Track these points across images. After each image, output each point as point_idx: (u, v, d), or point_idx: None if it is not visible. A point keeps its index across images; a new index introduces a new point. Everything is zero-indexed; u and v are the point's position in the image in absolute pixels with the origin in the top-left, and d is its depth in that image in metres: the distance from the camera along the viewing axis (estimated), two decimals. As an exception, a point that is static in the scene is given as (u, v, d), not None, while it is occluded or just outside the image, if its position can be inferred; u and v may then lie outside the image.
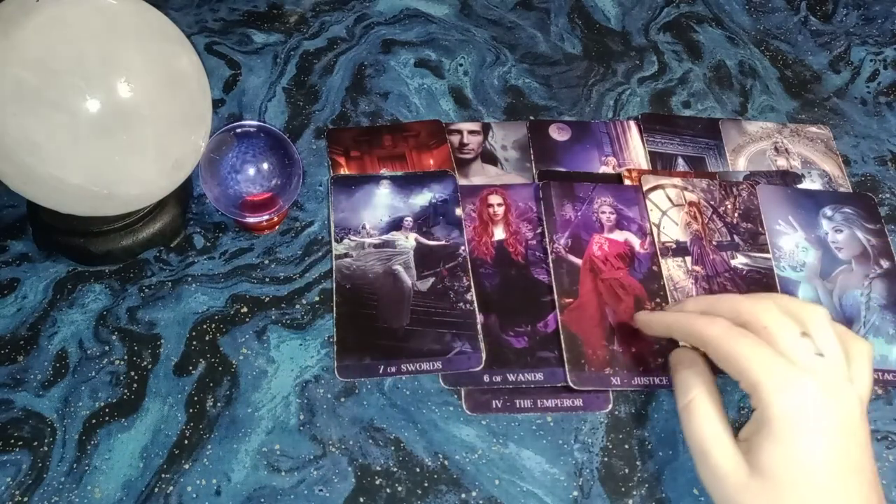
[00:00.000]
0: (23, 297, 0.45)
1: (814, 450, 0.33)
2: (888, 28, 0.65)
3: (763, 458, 0.34)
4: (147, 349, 0.43)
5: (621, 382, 0.43)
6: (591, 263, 0.47)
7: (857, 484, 0.33)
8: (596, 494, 0.40)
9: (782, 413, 0.34)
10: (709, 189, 0.51)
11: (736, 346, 0.36)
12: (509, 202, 0.50)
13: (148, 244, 0.46)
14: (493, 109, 0.56)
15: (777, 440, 0.33)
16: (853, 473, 0.33)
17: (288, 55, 0.57)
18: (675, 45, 0.61)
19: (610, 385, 0.43)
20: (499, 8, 0.62)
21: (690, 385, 0.38)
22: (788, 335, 0.36)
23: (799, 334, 0.36)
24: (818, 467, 0.33)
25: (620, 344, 0.44)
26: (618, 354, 0.44)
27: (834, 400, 0.34)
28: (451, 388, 0.43)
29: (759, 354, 0.35)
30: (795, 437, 0.33)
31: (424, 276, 0.47)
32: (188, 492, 0.39)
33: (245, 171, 0.45)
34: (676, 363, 0.40)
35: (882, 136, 0.57)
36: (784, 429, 0.33)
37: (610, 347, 0.44)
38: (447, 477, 0.40)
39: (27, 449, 0.40)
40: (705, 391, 0.37)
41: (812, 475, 0.33)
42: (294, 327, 0.45)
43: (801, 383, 0.34)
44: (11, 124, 0.35)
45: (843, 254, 0.49)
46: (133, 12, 0.38)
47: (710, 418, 0.36)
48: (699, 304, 0.41)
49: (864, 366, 0.37)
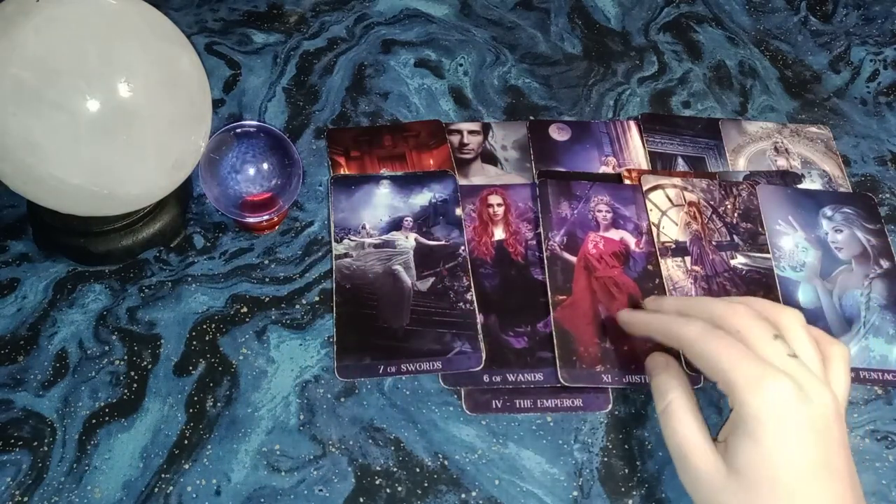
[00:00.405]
0: (23, 297, 0.45)
1: (786, 448, 0.33)
2: (888, 28, 0.65)
3: (739, 458, 0.34)
4: (147, 349, 0.43)
5: (613, 380, 0.43)
6: (586, 261, 0.47)
7: (831, 483, 0.33)
8: (596, 494, 0.40)
9: (756, 412, 0.34)
10: (708, 189, 0.51)
11: (711, 346, 0.36)
12: (509, 202, 0.50)
13: (148, 244, 0.46)
14: (493, 109, 0.56)
15: (751, 438, 0.34)
16: (827, 473, 0.33)
17: (288, 55, 0.57)
18: (675, 45, 0.61)
19: (601, 382, 0.43)
20: (499, 8, 0.62)
21: (667, 388, 0.38)
22: (762, 336, 0.36)
23: (772, 336, 0.36)
24: (790, 466, 0.33)
25: (613, 342, 0.44)
26: (610, 352, 0.44)
27: (807, 400, 0.34)
28: (451, 388, 0.43)
29: (734, 354, 0.35)
30: (768, 435, 0.33)
31: (424, 276, 0.47)
32: (188, 492, 0.39)
33: (245, 171, 0.45)
34: (652, 368, 0.41)
35: (882, 136, 0.57)
36: (757, 427, 0.34)
37: (602, 345, 0.44)
38: (447, 477, 0.40)
39: (27, 449, 0.40)
40: (682, 394, 0.38)
41: (784, 474, 0.33)
42: (294, 327, 0.45)
43: (775, 382, 0.34)
44: (11, 124, 0.35)
45: (843, 254, 0.49)
46: (133, 12, 0.38)
47: (688, 421, 0.37)
48: (676, 304, 0.42)
49: (840, 368, 0.37)
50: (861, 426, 0.43)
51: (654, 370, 0.40)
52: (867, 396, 0.45)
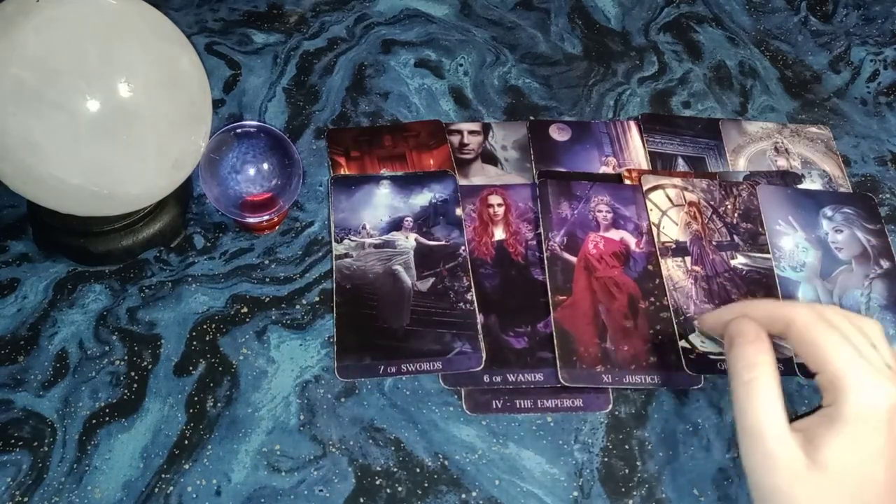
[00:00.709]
0: (23, 297, 0.45)
1: (879, 452, 0.33)
2: (888, 28, 0.65)
3: (828, 453, 0.33)
4: (147, 349, 0.43)
5: (613, 380, 0.43)
6: (586, 261, 0.47)
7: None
8: (596, 494, 0.40)
9: (859, 411, 0.33)
10: (709, 189, 0.51)
11: (824, 335, 0.35)
12: (509, 202, 0.50)
13: (148, 244, 0.46)
14: (493, 109, 0.56)
15: (848, 438, 0.33)
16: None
17: (288, 55, 0.57)
18: (675, 46, 0.61)
19: (601, 383, 0.43)
20: (499, 8, 0.62)
21: (755, 362, 0.36)
22: (863, 342, 0.35)
23: (870, 344, 0.36)
24: (882, 474, 0.33)
25: (613, 342, 0.44)
26: (610, 352, 0.44)
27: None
28: (451, 388, 0.43)
29: (847, 351, 0.35)
30: (866, 435, 0.33)
31: (424, 276, 0.47)
32: (188, 492, 0.39)
33: (245, 172, 0.45)
34: (737, 334, 0.38)
35: (882, 137, 0.57)
36: (856, 425, 0.33)
37: (602, 345, 0.44)
38: (447, 477, 0.40)
39: (27, 449, 0.40)
40: (770, 372, 0.36)
41: (874, 477, 0.33)
42: (294, 327, 0.45)
43: (882, 387, 0.34)
44: (11, 124, 0.35)
45: (843, 254, 0.49)
46: (133, 12, 0.38)
47: (772, 401, 0.35)
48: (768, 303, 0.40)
49: None
50: (861, 426, 0.43)
51: (741, 336, 0.37)
52: (867, 396, 0.45)
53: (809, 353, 0.36)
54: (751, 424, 0.35)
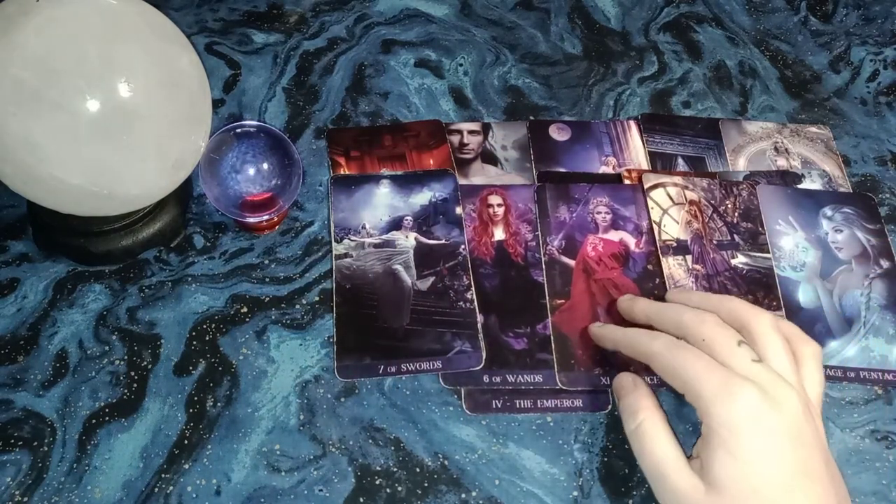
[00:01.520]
0: (23, 297, 0.45)
1: (761, 458, 0.33)
2: (888, 28, 0.65)
3: (715, 472, 0.33)
4: (147, 349, 0.43)
5: (611, 382, 0.43)
6: (585, 264, 0.47)
7: (812, 487, 0.33)
8: (596, 494, 0.40)
9: (723, 421, 0.34)
10: (709, 188, 0.51)
11: (677, 359, 0.36)
12: (509, 203, 0.50)
13: (148, 244, 0.46)
14: (493, 109, 0.56)
15: (724, 450, 0.33)
16: (806, 479, 0.33)
17: (288, 55, 0.57)
18: (675, 45, 0.61)
19: (600, 385, 0.43)
20: (499, 8, 0.62)
21: (637, 408, 0.38)
22: (725, 344, 0.36)
23: (736, 342, 0.36)
24: (768, 477, 0.33)
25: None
26: (608, 355, 0.44)
27: (775, 405, 0.34)
28: (451, 387, 0.43)
29: (697, 365, 0.35)
30: (741, 445, 0.33)
31: (424, 275, 0.47)
32: (188, 492, 0.39)
33: (245, 171, 0.45)
34: (619, 388, 0.40)
35: (882, 136, 0.57)
36: (729, 438, 0.33)
37: (600, 348, 0.44)
38: (447, 477, 0.40)
39: (27, 449, 0.40)
40: (652, 413, 0.38)
41: (763, 485, 0.33)
42: (294, 327, 0.45)
43: (738, 390, 0.34)
44: (11, 124, 0.35)
45: (843, 254, 0.49)
46: (133, 12, 0.38)
47: (661, 440, 0.36)
48: (648, 308, 0.42)
49: (813, 367, 0.37)
50: (861, 426, 0.43)
51: (622, 391, 0.40)
52: (867, 396, 0.45)
53: (671, 380, 0.37)
54: (649, 466, 0.36)
